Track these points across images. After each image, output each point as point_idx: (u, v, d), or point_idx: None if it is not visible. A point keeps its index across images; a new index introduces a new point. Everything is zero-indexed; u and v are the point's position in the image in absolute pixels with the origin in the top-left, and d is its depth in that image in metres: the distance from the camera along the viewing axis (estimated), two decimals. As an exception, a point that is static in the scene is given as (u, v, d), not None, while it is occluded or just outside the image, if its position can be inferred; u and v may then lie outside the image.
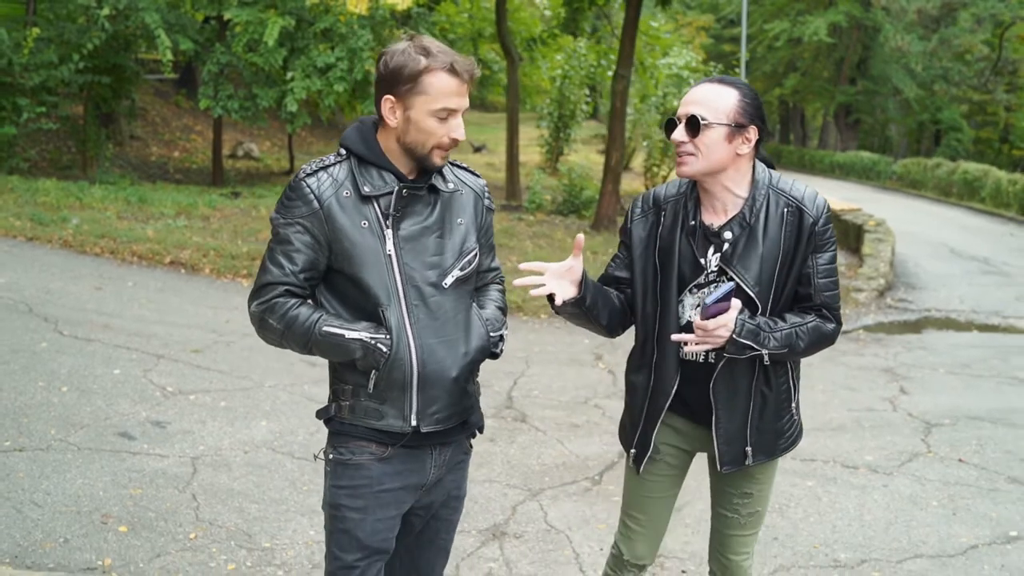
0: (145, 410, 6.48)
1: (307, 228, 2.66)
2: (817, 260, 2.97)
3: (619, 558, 3.29)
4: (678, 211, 3.02)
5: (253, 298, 2.75)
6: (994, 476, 6.44)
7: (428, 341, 2.70)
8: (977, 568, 5.08)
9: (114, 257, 10.69)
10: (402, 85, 2.62)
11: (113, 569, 4.47)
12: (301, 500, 5.38)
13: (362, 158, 2.71)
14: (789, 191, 2.98)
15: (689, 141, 2.88)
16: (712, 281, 2.96)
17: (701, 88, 2.94)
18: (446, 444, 2.87)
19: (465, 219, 2.82)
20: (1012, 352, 10.44)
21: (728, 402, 3.00)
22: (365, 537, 2.78)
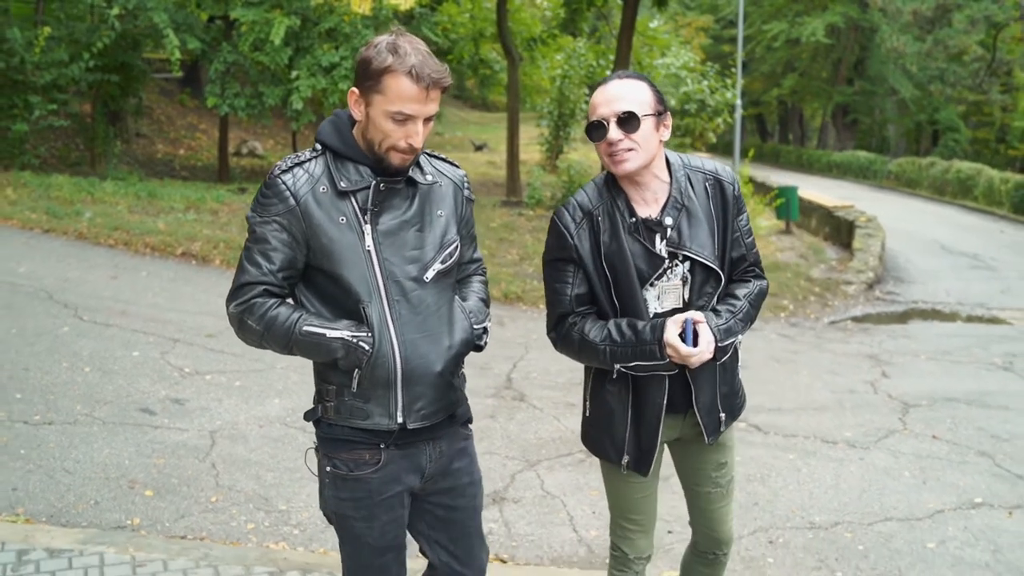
0: (164, 388, 6.86)
1: (284, 226, 2.61)
2: (739, 223, 3.09)
3: (624, 558, 3.33)
4: (612, 213, 2.99)
5: (231, 299, 2.70)
6: (964, 450, 6.83)
7: (411, 336, 2.66)
8: (942, 529, 5.47)
9: (127, 248, 11.09)
10: (366, 80, 2.58)
11: (142, 527, 4.85)
12: (314, 469, 5.75)
13: (337, 152, 2.67)
14: (702, 167, 3.09)
15: (626, 138, 2.89)
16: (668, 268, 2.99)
17: (617, 86, 2.94)
18: (438, 438, 2.83)
19: (445, 211, 2.78)
20: (992, 340, 10.84)
21: (702, 377, 3.06)
22: (375, 541, 2.79)
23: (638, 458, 3.11)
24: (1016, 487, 6.19)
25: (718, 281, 3.03)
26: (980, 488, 6.14)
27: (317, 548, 4.79)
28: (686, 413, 3.12)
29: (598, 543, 5.10)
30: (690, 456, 3.27)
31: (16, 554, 4.28)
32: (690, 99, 20.81)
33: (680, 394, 3.07)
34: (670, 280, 3.00)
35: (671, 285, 3.00)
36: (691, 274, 3.01)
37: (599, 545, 5.08)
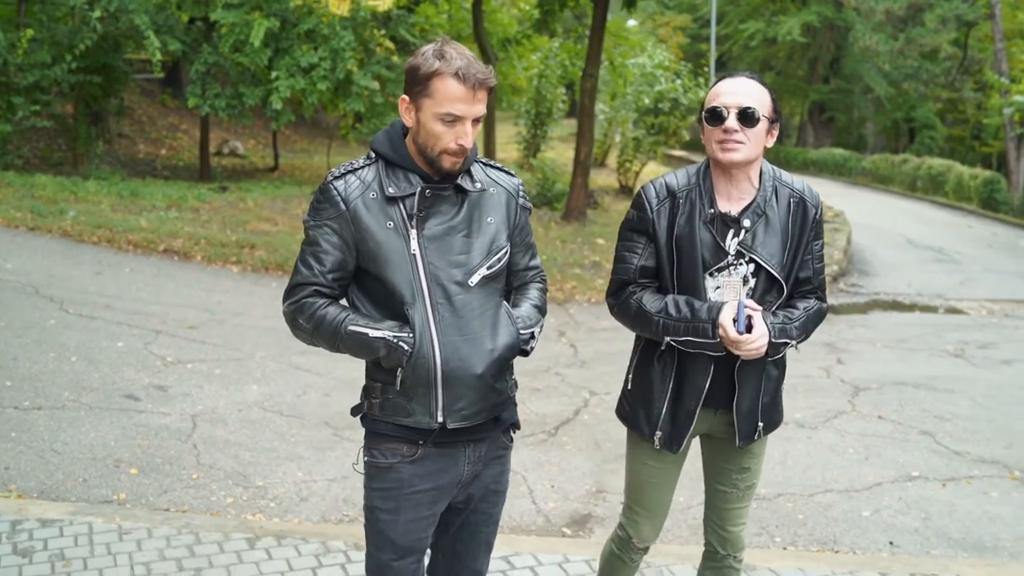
0: (147, 376, 7.20)
1: (335, 230, 2.72)
2: (814, 247, 3.18)
3: (627, 541, 3.40)
4: (693, 200, 3.10)
5: (285, 298, 2.83)
6: (908, 430, 7.23)
7: (451, 339, 2.72)
8: (878, 500, 5.86)
9: (111, 246, 11.40)
10: (415, 86, 2.69)
11: (128, 502, 5.19)
12: (289, 449, 6.11)
13: (389, 161, 2.77)
14: (791, 184, 3.17)
15: (742, 131, 2.99)
16: (731, 264, 3.08)
17: (744, 82, 3.05)
18: (479, 440, 2.90)
19: (496, 218, 2.85)
20: (946, 329, 11.27)
21: (748, 383, 3.15)
22: (397, 537, 2.85)
23: (670, 436, 3.19)
24: (952, 462, 6.60)
25: (780, 292, 3.11)
26: (918, 463, 6.53)
27: (292, 519, 5.14)
28: (717, 410, 3.21)
29: (555, 513, 5.46)
30: (718, 454, 3.34)
31: (10, 524, 4.61)
32: (664, 97, 21.15)
33: (719, 390, 3.15)
34: (731, 276, 3.08)
35: (731, 281, 3.09)
36: (756, 279, 3.10)
37: (556, 515, 5.44)
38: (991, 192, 25.44)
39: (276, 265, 11.44)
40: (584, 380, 8.10)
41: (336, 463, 5.92)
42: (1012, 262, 17.45)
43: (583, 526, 5.35)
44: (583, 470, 6.13)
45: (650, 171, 22.86)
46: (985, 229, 22.46)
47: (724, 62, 49.33)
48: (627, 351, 3.42)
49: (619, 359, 8.41)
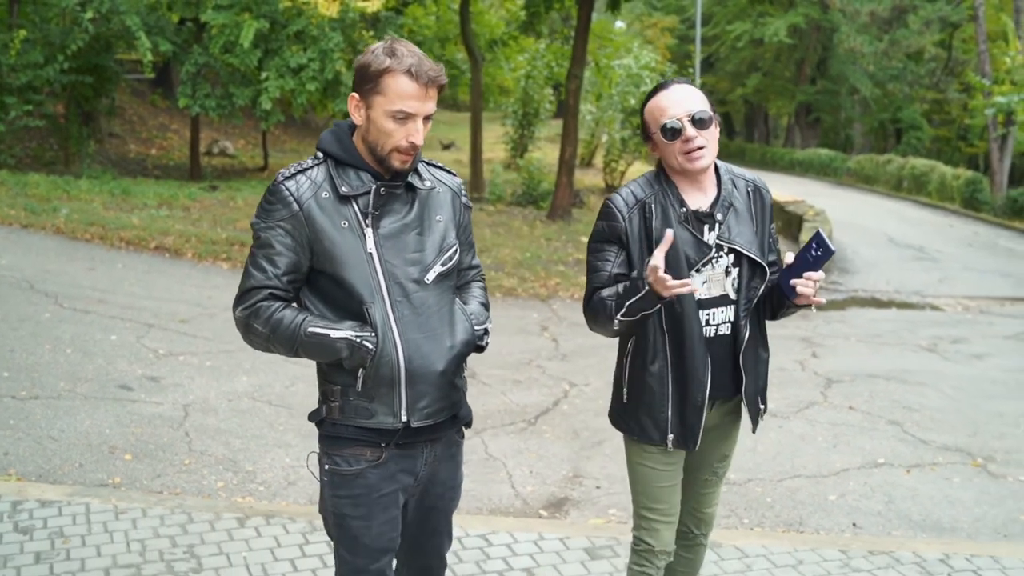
0: (140, 368, 7.41)
1: (288, 231, 2.68)
2: (771, 229, 3.30)
3: (649, 551, 3.36)
4: (663, 203, 3.14)
5: (237, 303, 2.77)
6: (876, 419, 7.49)
7: (413, 336, 2.72)
8: (844, 484, 6.11)
9: (103, 243, 11.62)
10: (365, 84, 2.66)
11: (122, 485, 5.41)
12: (278, 436, 6.34)
13: (338, 160, 2.74)
14: (744, 175, 3.29)
15: (700, 135, 3.05)
16: (713, 256, 3.14)
17: (684, 89, 3.11)
18: (436, 440, 2.89)
19: (444, 216, 2.85)
20: (921, 325, 11.54)
21: (751, 367, 3.24)
22: (371, 541, 2.84)
23: (683, 435, 3.20)
24: (917, 450, 6.85)
25: (763, 276, 3.19)
26: (885, 451, 6.79)
27: (280, 502, 5.37)
28: (715, 402, 3.25)
29: (532, 497, 5.70)
30: (702, 445, 3.32)
31: (11, 504, 4.83)
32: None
33: (719, 381, 3.19)
34: (715, 269, 3.14)
35: (715, 274, 3.14)
36: (738, 269, 3.16)
37: (533, 498, 5.68)
38: (973, 192, 25.76)
39: (265, 262, 11.67)
40: (564, 372, 8.34)
41: (323, 450, 6.15)
42: (991, 260, 17.74)
43: (559, 508, 5.58)
44: (561, 457, 6.37)
45: (636, 171, 23.11)
46: (966, 228, 22.77)
47: (712, 63, 49.69)
48: (608, 345, 3.61)
49: (599, 353, 8.71)
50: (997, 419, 7.70)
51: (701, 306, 3.14)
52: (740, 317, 3.18)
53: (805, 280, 3.01)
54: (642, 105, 3.22)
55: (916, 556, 4.94)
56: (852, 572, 4.71)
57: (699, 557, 3.61)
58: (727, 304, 3.18)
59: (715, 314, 3.17)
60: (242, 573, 4.32)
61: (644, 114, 3.19)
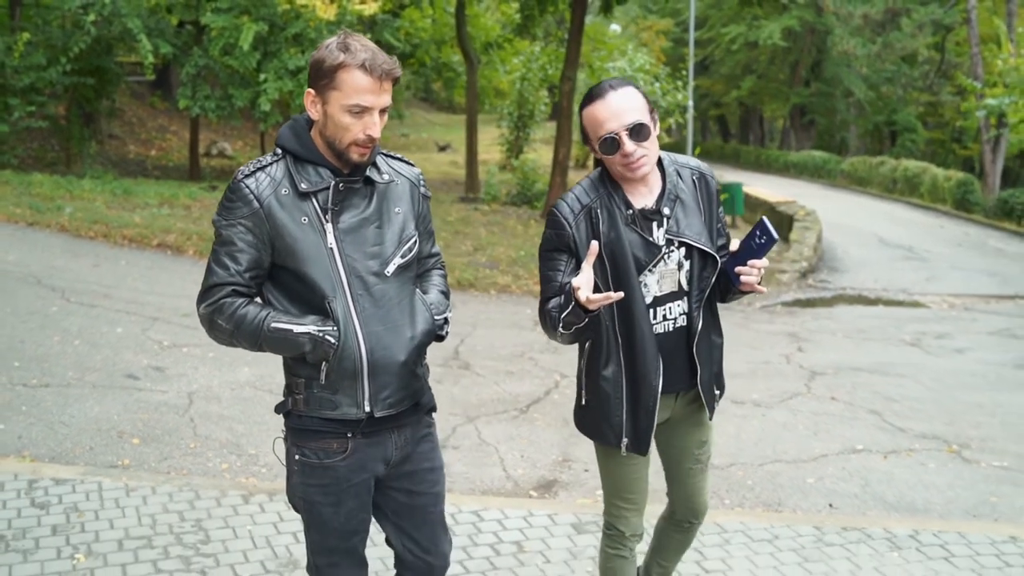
0: (146, 358, 7.67)
1: (249, 228, 2.71)
2: (719, 214, 3.31)
3: (620, 536, 3.43)
4: (609, 207, 3.13)
5: (201, 300, 2.81)
6: (857, 409, 7.76)
7: (374, 329, 2.77)
8: (823, 469, 6.38)
9: (107, 240, 11.89)
10: (321, 79, 2.69)
11: (132, 467, 5.66)
12: (278, 423, 6.51)
13: (297, 156, 2.77)
14: (688, 163, 3.28)
15: (639, 147, 3.02)
16: (664, 254, 3.14)
17: (618, 97, 3.04)
18: (402, 427, 2.94)
19: (403, 208, 2.89)
20: (906, 321, 11.82)
21: (704, 356, 3.25)
22: (340, 525, 2.92)
23: (635, 439, 3.23)
24: (895, 437, 7.12)
25: (715, 265, 3.20)
26: (864, 438, 7.06)
27: (281, 482, 5.61)
28: (679, 394, 3.29)
29: (523, 479, 5.96)
30: (677, 435, 3.42)
31: (27, 482, 5.09)
32: (643, 100, 21.71)
33: (676, 374, 3.23)
34: (667, 265, 3.15)
35: (668, 270, 3.15)
36: (689, 260, 3.17)
37: (524, 480, 5.94)
38: (964, 193, 26.06)
39: (265, 259, 11.95)
40: (555, 364, 8.61)
41: (323, 435, 6.40)
42: (979, 260, 18.03)
43: (549, 489, 5.84)
44: (551, 442, 6.63)
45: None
46: (957, 229, 23.05)
47: (707, 65, 49.97)
48: None
49: (590, 345, 8.95)
50: (975, 409, 7.97)
51: (657, 302, 3.17)
52: (692, 308, 3.20)
53: (749, 268, 3.04)
54: (580, 108, 3.17)
55: (887, 532, 5.20)
56: (825, 547, 4.97)
57: (691, 536, 3.68)
58: (681, 297, 3.20)
59: (671, 308, 3.20)
60: (247, 544, 4.58)
61: (582, 120, 3.14)
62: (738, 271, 3.07)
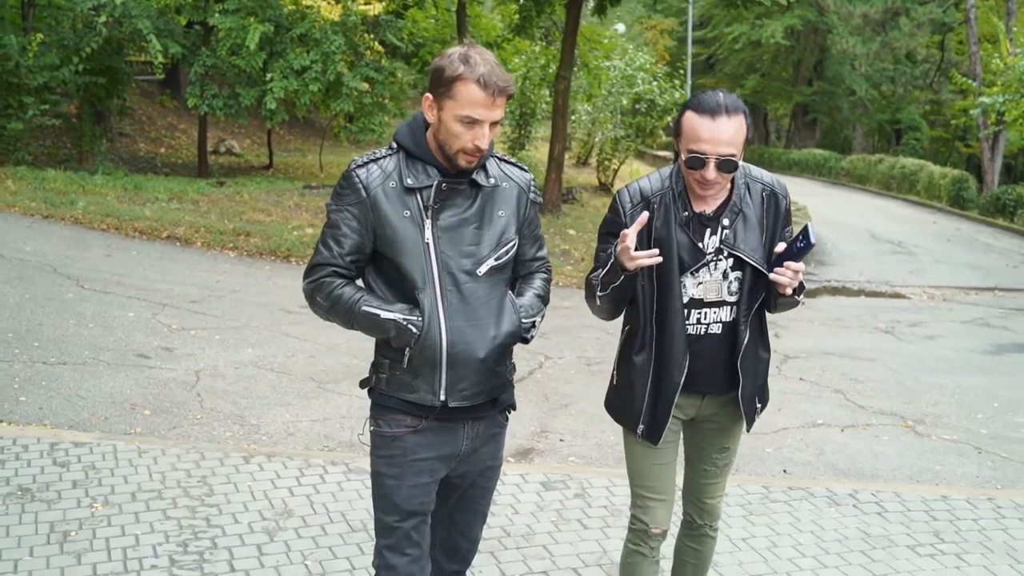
0: (156, 340, 8.20)
1: (355, 215, 2.86)
2: (785, 235, 3.29)
3: (643, 531, 3.45)
4: (668, 204, 3.19)
5: (305, 276, 3.00)
6: (822, 389, 8.26)
7: (458, 324, 2.87)
8: (782, 440, 6.89)
9: (119, 232, 12.44)
10: (439, 87, 2.81)
11: (143, 434, 6.19)
12: (279, 397, 7.11)
13: (410, 152, 2.90)
14: (761, 178, 3.29)
15: (721, 178, 3.09)
16: (710, 261, 3.19)
17: (724, 124, 3.02)
18: (478, 419, 3.05)
19: (507, 212, 2.99)
20: (883, 310, 12.32)
21: (749, 369, 3.29)
22: (402, 501, 3.01)
23: (651, 428, 3.31)
24: (855, 413, 7.63)
25: (767, 284, 3.19)
26: (825, 414, 7.56)
27: (281, 446, 6.15)
28: (705, 396, 3.34)
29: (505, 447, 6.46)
30: (699, 435, 3.49)
31: (49, 444, 5.62)
32: (641, 99, 22.21)
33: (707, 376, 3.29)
34: (712, 274, 3.19)
35: (712, 278, 3.20)
36: (740, 273, 3.21)
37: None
38: (959, 190, 26.51)
39: (269, 251, 12.46)
40: (541, 347, 9.11)
41: (319, 409, 6.92)
42: (966, 254, 18.48)
43: (525, 456, 6.36)
44: (531, 416, 7.14)
45: (629, 169, 23.91)
46: (949, 225, 23.49)
47: (712, 64, 50.44)
48: (583, 326, 4.29)
49: (574, 331, 9.54)
50: (935, 390, 8.47)
51: (693, 305, 3.22)
52: (740, 321, 3.24)
53: (783, 269, 3.08)
54: (687, 105, 3.17)
55: (829, 491, 5.72)
56: (771, 503, 5.49)
57: (707, 549, 3.68)
58: (721, 306, 3.23)
59: (707, 314, 3.24)
60: (247, 497, 5.10)
61: (682, 118, 3.15)
62: (774, 271, 3.11)
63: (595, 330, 9.60)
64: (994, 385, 8.68)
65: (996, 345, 10.51)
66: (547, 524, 5.05)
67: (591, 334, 9.54)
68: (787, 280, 3.08)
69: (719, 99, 3.07)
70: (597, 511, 5.25)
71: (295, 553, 4.53)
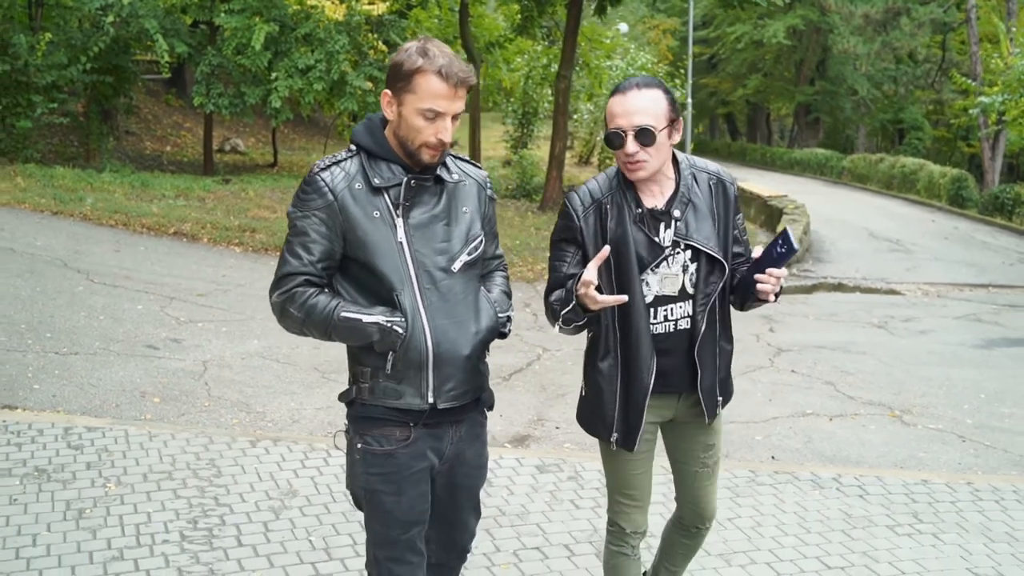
0: (164, 332, 8.43)
1: (322, 219, 2.79)
2: (737, 221, 3.29)
3: (621, 533, 3.45)
4: (619, 202, 3.17)
5: (274, 289, 2.89)
6: (813, 380, 8.48)
7: (440, 322, 2.82)
8: (772, 428, 7.10)
9: (127, 228, 12.69)
10: (398, 81, 2.76)
11: (153, 420, 6.42)
12: (284, 387, 7.34)
13: (371, 152, 2.84)
14: (707, 167, 3.28)
15: (641, 150, 3.06)
16: (669, 255, 3.17)
17: (635, 97, 3.06)
18: (460, 421, 3.01)
19: (470, 208, 2.96)
20: (878, 306, 12.53)
21: (707, 361, 3.24)
22: (402, 515, 2.95)
23: (625, 435, 3.26)
24: (844, 404, 7.84)
25: (723, 272, 3.20)
26: (814, 404, 7.78)
27: (286, 431, 6.37)
28: (680, 395, 3.29)
29: (500, 434, 6.67)
30: (681, 437, 3.43)
31: (63, 429, 5.85)
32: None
33: (677, 374, 3.25)
34: (671, 267, 3.16)
35: (671, 272, 3.17)
36: (697, 264, 3.18)
37: (501, 435, 6.65)
38: (958, 189, 26.68)
39: (275, 247, 12.69)
40: (539, 340, 9.34)
41: (323, 397, 7.14)
42: (963, 252, 18.66)
43: (522, 443, 6.58)
44: (528, 405, 7.37)
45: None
46: (947, 223, 23.66)
47: (715, 64, 50.65)
48: None
49: (573, 324, 9.69)
50: (923, 382, 8.68)
51: (657, 302, 3.18)
52: (697, 312, 3.20)
53: (767, 276, 3.05)
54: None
55: (813, 475, 5.94)
56: (757, 486, 5.71)
57: (698, 542, 3.67)
58: (685, 299, 3.20)
59: (673, 309, 3.21)
60: (253, 478, 5.33)
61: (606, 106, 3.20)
62: (756, 278, 3.08)
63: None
64: (982, 377, 8.88)
65: (986, 339, 10.71)
66: (541, 504, 5.27)
67: (589, 328, 9.73)
68: (770, 287, 3.07)
69: (632, 80, 3.15)
70: (589, 492, 5.47)
71: (299, 530, 4.76)
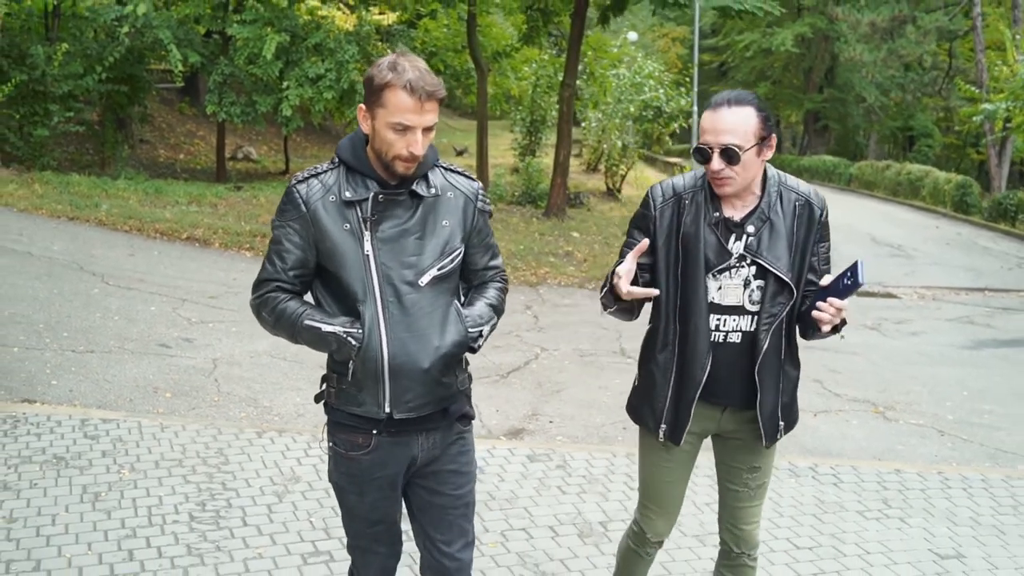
0: (177, 331, 8.78)
1: (296, 230, 2.88)
2: (819, 248, 3.22)
3: (642, 536, 3.50)
4: (698, 202, 3.17)
5: (252, 292, 3.03)
6: (801, 378, 8.72)
7: (400, 335, 2.86)
8: (756, 423, 7.38)
9: (140, 233, 13.07)
10: (370, 96, 2.81)
11: (165, 413, 6.75)
12: (291, 383, 7.67)
13: (350, 166, 2.90)
14: (796, 187, 3.21)
15: (727, 167, 3.05)
16: (733, 266, 3.15)
17: (726, 115, 3.04)
18: (430, 430, 3.02)
19: (452, 221, 2.96)
20: (874, 309, 12.79)
21: (769, 383, 3.20)
22: (366, 514, 3.08)
23: (673, 428, 3.27)
24: (829, 400, 8.13)
25: (791, 295, 3.14)
26: (801, 401, 8.02)
27: (292, 423, 6.70)
28: (725, 409, 3.28)
29: (496, 427, 7.00)
30: (727, 454, 3.43)
31: (80, 420, 6.19)
32: (648, 106, 22.74)
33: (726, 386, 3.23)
34: (732, 279, 3.14)
35: (732, 283, 3.15)
36: (763, 283, 3.14)
37: (496, 428, 6.97)
38: (962, 195, 26.90)
39: (284, 252, 13.06)
40: (538, 340, 9.65)
41: (327, 393, 7.47)
42: (963, 257, 18.91)
43: (516, 436, 6.89)
44: (524, 401, 7.68)
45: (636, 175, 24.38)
46: (951, 229, 23.90)
47: (724, 71, 50.93)
48: (582, 321, 4.74)
49: (572, 327, 10.09)
50: (909, 380, 8.96)
51: (712, 310, 3.16)
52: (760, 330, 3.16)
53: (827, 305, 2.99)
54: None
55: (790, 464, 6.24)
56: (736, 475, 6.00)
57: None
58: (741, 314, 3.17)
59: (725, 321, 3.18)
60: (259, 466, 5.66)
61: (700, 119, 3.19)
62: (816, 306, 3.02)
63: (592, 326, 10.15)
64: (967, 376, 9.16)
65: (976, 341, 10.99)
66: (529, 490, 5.59)
67: (588, 329, 10.08)
68: (828, 317, 2.99)
69: (726, 94, 3.12)
70: (576, 480, 5.79)
71: (301, 512, 5.08)
